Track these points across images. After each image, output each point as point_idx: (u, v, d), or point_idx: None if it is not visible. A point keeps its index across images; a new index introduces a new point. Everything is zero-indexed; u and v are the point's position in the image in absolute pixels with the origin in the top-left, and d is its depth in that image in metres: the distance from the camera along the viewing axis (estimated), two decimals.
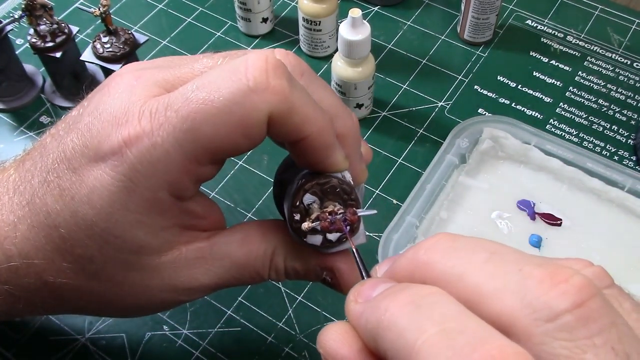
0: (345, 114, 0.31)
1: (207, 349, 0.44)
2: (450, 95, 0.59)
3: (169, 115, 0.27)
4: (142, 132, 0.27)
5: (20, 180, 0.31)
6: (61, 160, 0.29)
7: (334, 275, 0.31)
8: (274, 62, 0.27)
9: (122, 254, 0.29)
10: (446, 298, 0.20)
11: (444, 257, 0.21)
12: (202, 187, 0.31)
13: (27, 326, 0.45)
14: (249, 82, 0.26)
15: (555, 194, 0.51)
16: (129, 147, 0.27)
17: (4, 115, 0.58)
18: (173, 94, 0.27)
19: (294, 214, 0.29)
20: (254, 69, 0.26)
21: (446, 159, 0.51)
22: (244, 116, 0.26)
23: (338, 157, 0.29)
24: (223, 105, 0.26)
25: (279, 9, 0.66)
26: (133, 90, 0.29)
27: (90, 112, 0.29)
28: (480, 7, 0.59)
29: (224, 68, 0.27)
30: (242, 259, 0.31)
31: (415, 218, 0.47)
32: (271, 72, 0.26)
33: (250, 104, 0.26)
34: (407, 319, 0.19)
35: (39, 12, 0.52)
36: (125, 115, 0.28)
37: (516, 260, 0.20)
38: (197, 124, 0.26)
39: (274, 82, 0.26)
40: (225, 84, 0.26)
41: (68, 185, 0.28)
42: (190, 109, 0.26)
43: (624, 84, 0.59)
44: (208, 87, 0.26)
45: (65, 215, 0.28)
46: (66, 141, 0.29)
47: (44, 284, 0.30)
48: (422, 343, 0.18)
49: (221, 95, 0.26)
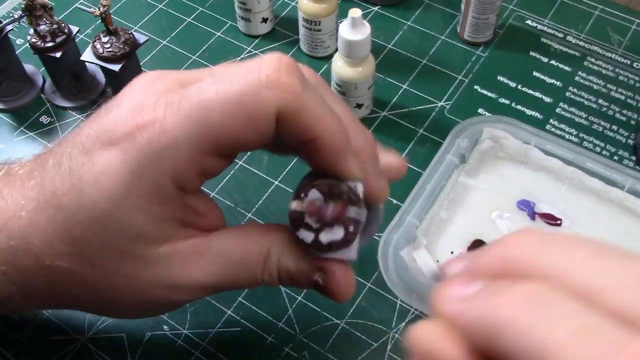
0: (359, 128, 0.31)
1: (207, 349, 0.44)
2: (450, 95, 0.59)
3: (183, 103, 0.28)
4: (155, 118, 0.28)
5: (35, 167, 0.32)
6: (76, 144, 0.30)
7: (326, 277, 0.31)
8: (287, 61, 0.28)
9: (119, 240, 0.29)
10: (564, 294, 0.18)
11: (542, 253, 0.20)
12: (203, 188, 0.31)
13: (27, 326, 0.45)
14: (261, 77, 0.27)
15: (555, 194, 0.51)
16: (140, 132, 0.28)
17: (4, 115, 0.58)
18: (189, 87, 0.28)
19: (296, 202, 0.29)
20: (267, 66, 0.27)
21: (446, 159, 0.51)
22: (253, 109, 0.27)
23: (350, 165, 0.29)
24: (234, 96, 0.27)
25: (279, 9, 0.66)
26: (153, 84, 0.30)
27: (112, 105, 0.30)
28: (480, 7, 0.59)
29: (240, 65, 0.28)
30: (237, 257, 0.31)
31: (415, 218, 0.47)
32: (284, 70, 0.27)
33: (260, 98, 0.27)
34: (529, 317, 0.18)
35: (39, 12, 0.52)
36: (142, 103, 0.29)
37: (620, 254, 0.19)
38: (207, 113, 0.27)
39: (286, 80, 0.27)
40: (239, 77, 0.27)
41: (78, 166, 0.29)
42: (203, 97, 0.27)
43: (624, 84, 0.59)
44: (223, 79, 0.28)
45: (71, 195, 0.29)
46: (84, 130, 0.30)
47: (41, 268, 0.30)
48: (555, 343, 0.17)
49: (233, 86, 0.27)
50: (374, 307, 0.46)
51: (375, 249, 0.46)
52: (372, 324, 0.45)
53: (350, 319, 0.45)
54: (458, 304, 0.20)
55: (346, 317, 0.45)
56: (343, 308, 0.46)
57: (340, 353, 0.44)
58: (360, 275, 0.47)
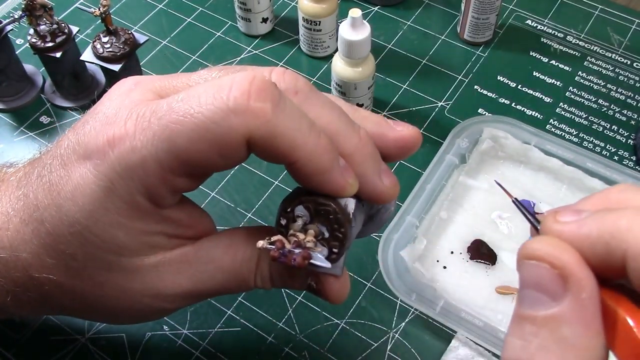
0: (349, 132, 0.29)
1: (207, 349, 0.44)
2: (450, 95, 0.59)
3: (152, 121, 0.27)
4: (125, 133, 0.27)
5: (24, 176, 0.31)
6: (55, 156, 0.30)
7: (319, 280, 0.31)
8: (259, 84, 0.26)
9: (103, 253, 0.29)
10: None
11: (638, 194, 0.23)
12: (203, 188, 0.31)
13: (27, 326, 0.45)
14: (229, 102, 0.26)
15: (555, 194, 0.51)
16: (111, 148, 0.27)
17: (4, 115, 0.58)
18: (161, 101, 0.27)
19: (281, 218, 0.29)
20: (237, 90, 0.26)
21: (446, 159, 0.51)
22: (220, 135, 0.26)
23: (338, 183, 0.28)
24: (201, 122, 0.26)
25: (279, 9, 0.66)
26: (129, 94, 0.29)
27: (90, 113, 0.30)
28: (480, 7, 0.59)
29: (211, 84, 0.27)
30: (227, 263, 0.31)
31: (415, 218, 0.47)
32: (254, 94, 0.26)
33: (227, 125, 0.26)
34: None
35: (39, 12, 0.52)
36: (115, 115, 0.28)
37: None
38: (174, 135, 0.26)
39: (255, 105, 0.26)
40: (207, 100, 0.26)
41: (57, 180, 0.29)
42: (171, 119, 0.26)
43: (624, 84, 0.59)
44: (191, 100, 0.26)
45: (52, 210, 0.29)
46: (64, 140, 0.30)
47: (30, 279, 0.30)
48: None
49: (201, 111, 0.26)
50: (374, 307, 0.46)
51: (376, 249, 0.46)
52: (372, 324, 0.45)
53: (350, 319, 0.45)
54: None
55: (346, 317, 0.45)
56: (343, 308, 0.46)
57: (340, 353, 0.44)
58: (360, 275, 0.47)
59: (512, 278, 0.46)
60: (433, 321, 0.45)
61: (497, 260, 0.47)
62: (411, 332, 0.45)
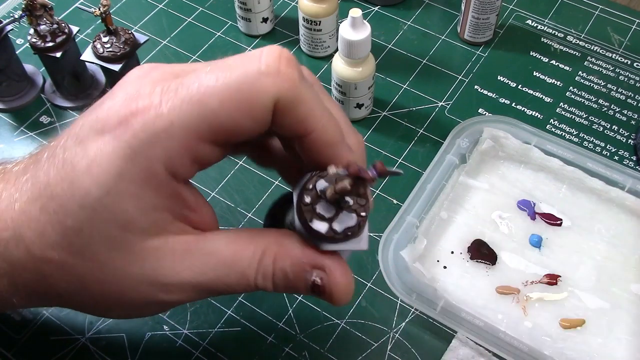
0: (351, 129, 0.32)
1: (207, 349, 0.44)
2: (451, 95, 0.59)
3: (180, 90, 0.28)
4: (150, 104, 0.28)
5: (30, 163, 0.32)
6: (70, 136, 0.30)
7: (325, 276, 0.30)
8: (287, 54, 0.28)
9: (109, 228, 0.29)
10: None
11: None
12: (203, 188, 0.31)
13: (27, 326, 0.45)
14: (261, 66, 0.27)
15: (556, 194, 0.51)
16: (134, 117, 0.28)
17: (4, 115, 0.58)
18: (188, 75, 0.29)
19: (305, 195, 0.28)
20: (268, 56, 0.28)
21: (446, 159, 0.51)
22: (251, 95, 0.27)
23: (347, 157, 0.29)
24: (234, 82, 0.27)
25: (279, 9, 0.66)
26: (149, 74, 0.30)
27: (106, 96, 0.30)
28: (480, 7, 0.59)
29: (239, 55, 0.29)
30: (228, 257, 0.31)
31: (415, 218, 0.47)
32: (284, 61, 0.28)
33: (259, 85, 0.27)
34: None
35: (39, 12, 0.52)
36: (137, 92, 0.29)
37: None
38: (206, 97, 0.27)
39: (285, 70, 0.28)
40: (239, 65, 0.28)
41: (71, 157, 0.29)
42: (202, 84, 0.28)
43: (624, 84, 0.59)
44: (222, 68, 0.28)
45: (64, 185, 0.29)
46: (79, 121, 0.30)
47: (31, 258, 0.30)
48: None
49: (233, 74, 0.28)
50: (374, 307, 0.46)
51: (376, 249, 0.46)
52: (372, 324, 0.45)
53: (350, 319, 0.45)
54: None
55: (346, 317, 0.46)
56: (343, 308, 0.46)
57: (340, 353, 0.44)
58: (360, 275, 0.47)
59: (512, 278, 0.47)
60: (433, 321, 0.45)
61: (498, 260, 0.47)
62: (411, 332, 0.45)
